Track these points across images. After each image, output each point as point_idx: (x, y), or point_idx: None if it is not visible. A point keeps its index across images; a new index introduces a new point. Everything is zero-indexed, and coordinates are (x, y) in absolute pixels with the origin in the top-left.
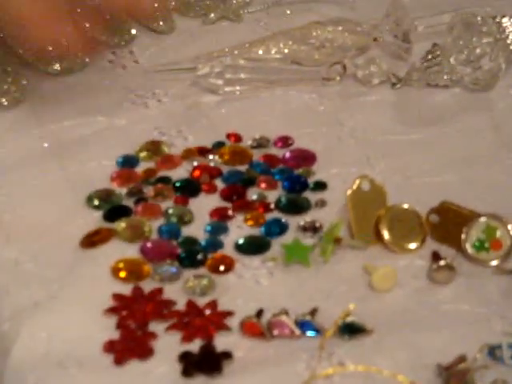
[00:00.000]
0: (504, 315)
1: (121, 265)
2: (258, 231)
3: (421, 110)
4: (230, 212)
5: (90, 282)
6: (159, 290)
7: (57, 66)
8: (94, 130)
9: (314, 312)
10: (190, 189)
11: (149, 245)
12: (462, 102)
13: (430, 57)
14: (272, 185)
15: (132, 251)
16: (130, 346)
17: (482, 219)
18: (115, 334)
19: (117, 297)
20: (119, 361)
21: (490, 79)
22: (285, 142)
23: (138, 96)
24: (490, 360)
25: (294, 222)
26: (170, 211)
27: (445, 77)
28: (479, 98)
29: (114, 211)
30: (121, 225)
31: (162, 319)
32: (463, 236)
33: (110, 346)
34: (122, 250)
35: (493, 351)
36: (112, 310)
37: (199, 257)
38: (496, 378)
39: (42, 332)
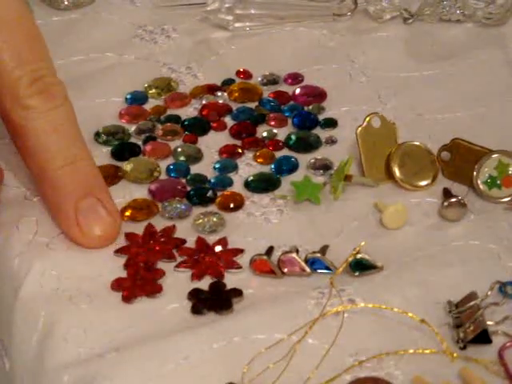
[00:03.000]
0: None
1: (130, 204)
2: (267, 168)
3: (433, 46)
4: (240, 149)
5: None
6: (171, 228)
7: (65, 1)
8: (103, 66)
9: (324, 249)
10: (199, 127)
11: (158, 184)
12: (474, 37)
13: None
14: (282, 122)
15: (140, 193)
16: (138, 283)
17: (494, 156)
18: (125, 273)
19: (128, 236)
20: (128, 298)
21: (503, 14)
22: (295, 78)
23: (146, 32)
24: (500, 297)
25: (304, 159)
26: (179, 150)
27: (457, 11)
28: (492, 33)
29: (123, 148)
30: (129, 166)
31: (171, 258)
32: (475, 173)
33: (117, 284)
34: (130, 191)
35: (504, 288)
36: (121, 250)
37: (209, 194)
38: (507, 315)
39: (52, 270)
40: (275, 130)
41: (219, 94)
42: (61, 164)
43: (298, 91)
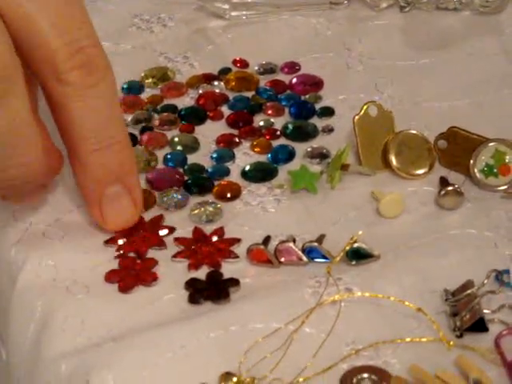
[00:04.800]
0: None
1: None
2: (264, 158)
3: (430, 34)
4: (237, 139)
5: None
6: (159, 217)
7: None
8: None
9: (321, 239)
10: (195, 116)
11: (154, 174)
12: (471, 25)
13: None
14: (279, 111)
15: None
16: (131, 273)
17: (491, 144)
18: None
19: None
20: (124, 289)
21: (500, 2)
22: (292, 67)
23: (143, 21)
24: (497, 285)
25: (301, 148)
26: (176, 139)
27: None
28: (489, 21)
29: None
30: None
31: (161, 245)
32: (471, 161)
33: (111, 276)
34: None
35: (500, 276)
36: (111, 241)
37: (206, 184)
38: (503, 303)
39: (49, 259)
40: (272, 119)
41: (216, 83)
42: (94, 147)
43: (294, 80)
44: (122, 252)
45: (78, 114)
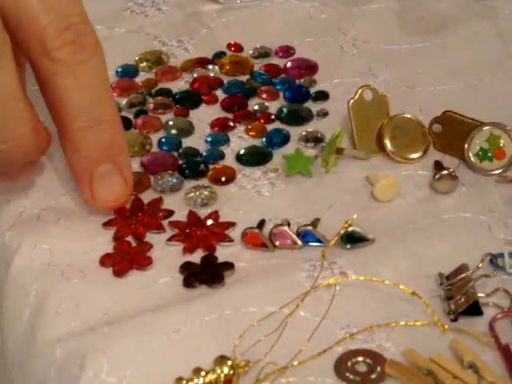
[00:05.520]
0: (506, 224)
1: None
2: (259, 142)
3: (424, 18)
4: (231, 123)
5: None
6: (158, 200)
7: None
8: None
9: (315, 222)
10: (190, 100)
11: (150, 157)
12: (466, 9)
13: None
14: (273, 95)
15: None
16: (126, 257)
17: (486, 128)
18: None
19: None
20: (119, 272)
21: None
22: (286, 51)
23: (137, 4)
24: (491, 269)
25: (296, 132)
26: (170, 123)
27: None
28: (484, 5)
29: None
30: None
31: (160, 229)
32: (466, 145)
33: (106, 260)
34: None
35: (495, 260)
36: (109, 223)
37: (201, 167)
38: (498, 287)
39: (43, 244)
40: (267, 103)
41: (210, 67)
42: (83, 125)
43: (289, 64)
44: (119, 235)
45: (68, 91)
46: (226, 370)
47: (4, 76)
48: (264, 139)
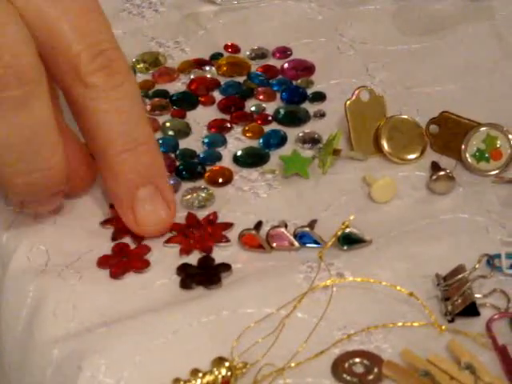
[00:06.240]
0: (503, 224)
1: None
2: (256, 143)
3: (421, 19)
4: (228, 124)
5: (89, 197)
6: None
7: None
8: None
9: (312, 224)
10: (187, 101)
11: None
12: (463, 10)
13: None
14: (270, 96)
15: None
16: (124, 260)
17: (483, 129)
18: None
19: (113, 210)
20: (115, 275)
21: None
22: (283, 52)
23: (134, 6)
24: (488, 270)
25: (293, 133)
26: (168, 124)
27: None
28: (481, 5)
29: None
30: None
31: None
32: (463, 146)
33: (103, 262)
34: None
35: (492, 261)
36: (107, 222)
37: (198, 169)
38: (495, 288)
39: (40, 245)
40: (264, 104)
41: (207, 68)
42: (120, 149)
43: (286, 65)
44: (117, 237)
45: (104, 116)
46: (223, 371)
47: (39, 107)
48: (261, 140)
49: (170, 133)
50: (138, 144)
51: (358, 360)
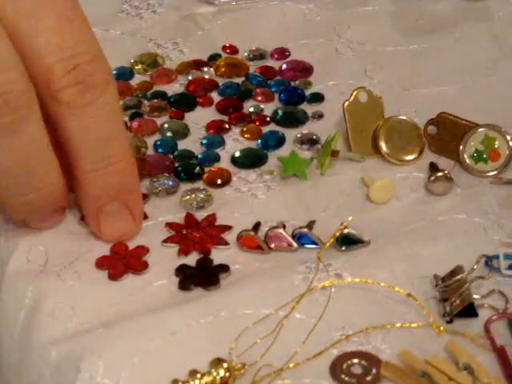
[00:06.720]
0: (501, 225)
1: None
2: (255, 144)
3: (419, 20)
4: (227, 125)
5: None
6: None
7: None
8: None
9: (311, 224)
10: (185, 103)
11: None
12: (460, 11)
13: None
14: (268, 97)
15: None
16: (122, 261)
17: (481, 130)
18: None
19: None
20: (113, 276)
21: None
22: (281, 53)
23: (132, 7)
24: (487, 270)
25: (291, 134)
26: (166, 126)
27: None
28: (478, 7)
29: None
30: None
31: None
32: (461, 147)
33: (102, 263)
34: None
35: (490, 261)
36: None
37: (196, 170)
38: (493, 289)
39: (39, 245)
40: (262, 105)
41: (205, 69)
42: (90, 168)
43: (284, 66)
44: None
45: (73, 133)
46: (221, 372)
47: (33, 128)
48: (259, 141)
49: (169, 134)
50: (109, 163)
51: (356, 361)
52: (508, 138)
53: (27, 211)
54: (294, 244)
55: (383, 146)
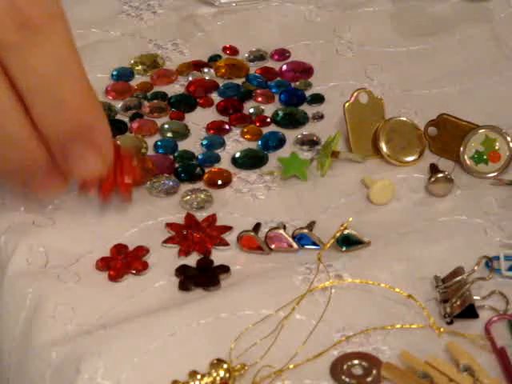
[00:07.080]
0: (502, 226)
1: None
2: (255, 145)
3: (420, 21)
4: (227, 126)
5: (88, 199)
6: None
7: None
8: (89, 42)
9: (311, 225)
10: (185, 103)
11: None
12: (461, 12)
13: None
14: (269, 98)
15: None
16: (123, 262)
17: (481, 131)
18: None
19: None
20: (114, 277)
21: None
22: (282, 54)
23: (132, 8)
24: (487, 272)
25: (291, 135)
26: (166, 126)
27: None
28: (479, 8)
29: (110, 126)
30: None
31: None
32: (461, 148)
33: (102, 264)
34: None
35: (490, 263)
36: None
37: (196, 171)
38: (493, 290)
39: (39, 247)
40: (262, 106)
41: (206, 70)
42: (40, 110)
43: (284, 67)
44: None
45: (19, 78)
46: (221, 373)
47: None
48: (259, 142)
49: (169, 135)
50: (60, 103)
51: (356, 362)
52: (508, 139)
53: (17, 170)
54: (295, 245)
55: (383, 147)
